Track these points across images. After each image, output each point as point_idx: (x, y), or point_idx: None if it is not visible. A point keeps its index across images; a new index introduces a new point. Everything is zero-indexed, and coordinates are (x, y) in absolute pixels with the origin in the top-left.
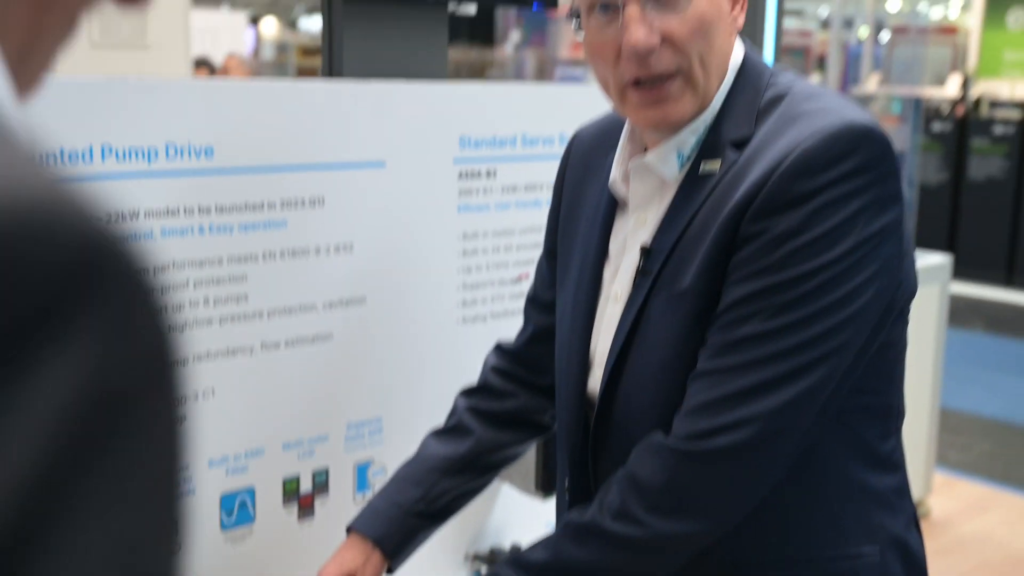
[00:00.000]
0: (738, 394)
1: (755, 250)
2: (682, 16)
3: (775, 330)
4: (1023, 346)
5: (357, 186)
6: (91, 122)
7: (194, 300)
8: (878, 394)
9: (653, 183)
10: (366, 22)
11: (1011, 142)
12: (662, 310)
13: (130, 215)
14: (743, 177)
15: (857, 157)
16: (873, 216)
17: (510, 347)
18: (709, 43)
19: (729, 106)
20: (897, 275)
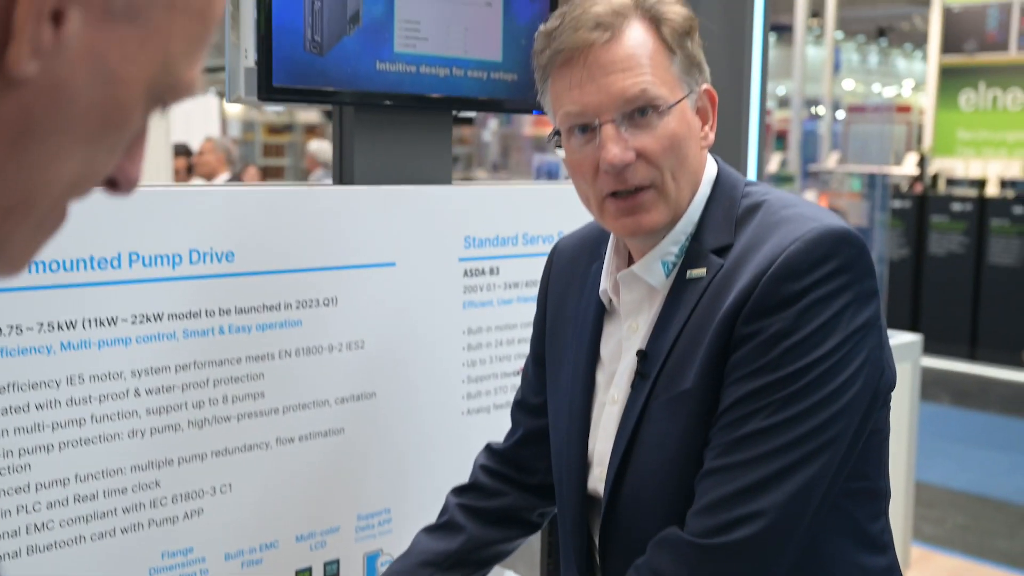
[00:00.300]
0: (750, 487)
1: (751, 350)
2: (654, 134)
3: (777, 425)
4: (990, 419)
5: (369, 285)
6: (120, 230)
7: (214, 398)
8: (868, 478)
9: (642, 291)
10: (375, 130)
11: (969, 219)
12: (663, 411)
13: (155, 317)
14: (731, 281)
15: (837, 259)
16: (856, 312)
17: (500, 448)
18: (680, 158)
19: (708, 217)
20: (880, 364)
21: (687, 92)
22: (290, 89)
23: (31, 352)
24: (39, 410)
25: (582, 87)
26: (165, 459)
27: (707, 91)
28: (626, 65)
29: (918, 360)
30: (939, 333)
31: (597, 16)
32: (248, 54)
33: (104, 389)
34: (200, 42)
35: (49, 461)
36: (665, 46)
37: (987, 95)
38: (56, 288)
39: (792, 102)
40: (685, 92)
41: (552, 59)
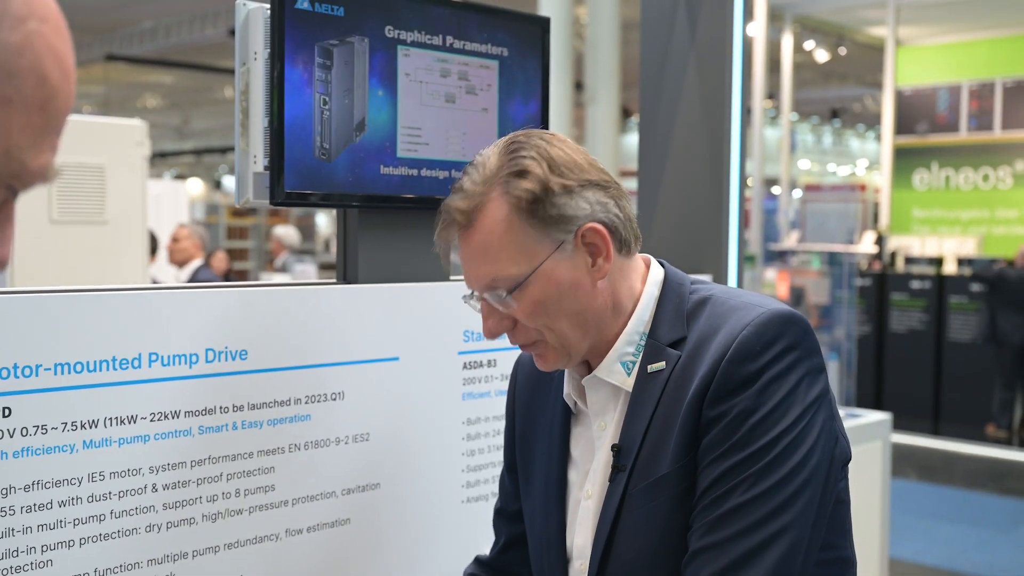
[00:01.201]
0: (739, 560)
1: (720, 432)
2: (519, 306)
3: (756, 497)
4: (956, 493)
5: (374, 380)
6: (140, 331)
7: (227, 492)
8: (836, 548)
9: (607, 391)
10: (378, 231)
11: (928, 296)
12: (642, 498)
13: (172, 415)
14: (691, 370)
15: (786, 339)
16: (809, 385)
17: (486, 558)
18: (553, 314)
19: (660, 314)
20: (834, 434)
21: (552, 249)
22: (300, 194)
23: (55, 451)
24: (61, 507)
25: (463, 264)
26: (180, 552)
27: (589, 229)
28: (478, 255)
29: (888, 437)
30: (903, 409)
31: (451, 213)
32: (257, 159)
33: (124, 485)
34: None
35: (70, 556)
36: (518, 220)
37: (940, 175)
38: (79, 388)
39: (752, 182)
40: (549, 251)
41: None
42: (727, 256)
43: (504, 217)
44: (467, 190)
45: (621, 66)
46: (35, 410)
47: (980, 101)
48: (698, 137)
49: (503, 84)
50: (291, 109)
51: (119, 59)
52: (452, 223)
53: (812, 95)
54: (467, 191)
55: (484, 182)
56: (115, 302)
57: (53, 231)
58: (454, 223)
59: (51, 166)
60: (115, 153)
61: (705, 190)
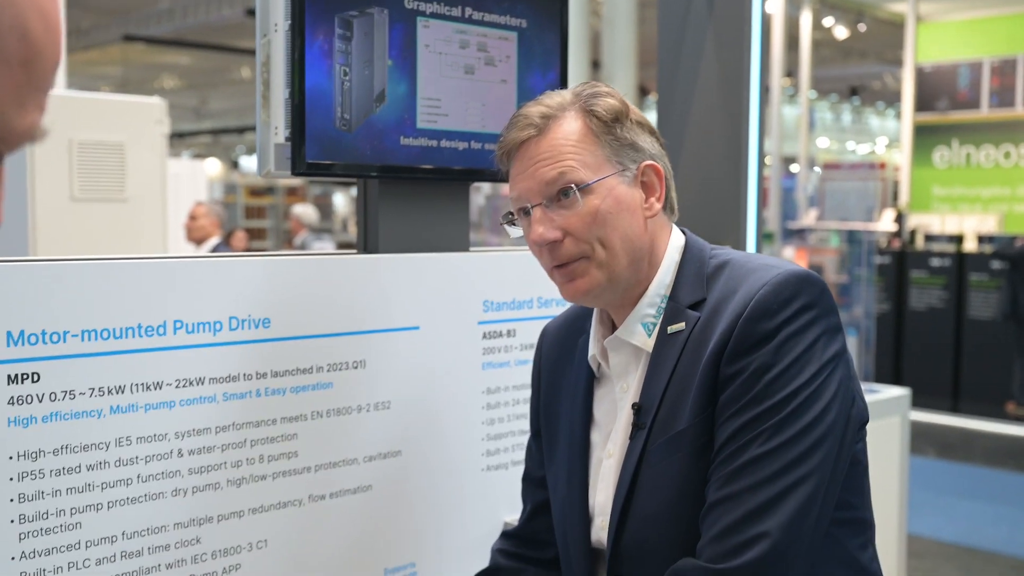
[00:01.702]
0: (755, 511)
1: (738, 387)
2: (578, 212)
3: (772, 451)
4: (975, 470)
5: (395, 348)
6: (165, 299)
7: (251, 458)
8: (854, 508)
9: (628, 353)
10: (398, 201)
11: (948, 274)
12: (660, 453)
13: (197, 381)
14: (710, 329)
15: (803, 298)
16: (826, 344)
17: (513, 529)
18: (607, 229)
19: (680, 278)
20: (851, 394)
21: (618, 170)
22: (321, 164)
23: (83, 416)
24: (90, 471)
25: (518, 177)
26: (205, 516)
27: (649, 167)
28: (548, 155)
29: (907, 414)
30: (922, 387)
31: (528, 117)
32: (278, 131)
33: (150, 450)
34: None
35: (98, 519)
36: (592, 133)
37: (960, 152)
38: (107, 355)
39: (771, 160)
40: (614, 171)
41: (503, 157)
42: (745, 234)
43: (580, 127)
44: (546, 103)
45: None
46: (63, 376)
47: (1002, 77)
48: (716, 115)
49: (522, 55)
50: (311, 80)
51: (137, 39)
52: (528, 126)
53: (831, 73)
54: (546, 104)
55: (560, 102)
56: (140, 270)
57: (74, 208)
58: (530, 126)
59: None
60: (134, 131)
61: (723, 168)
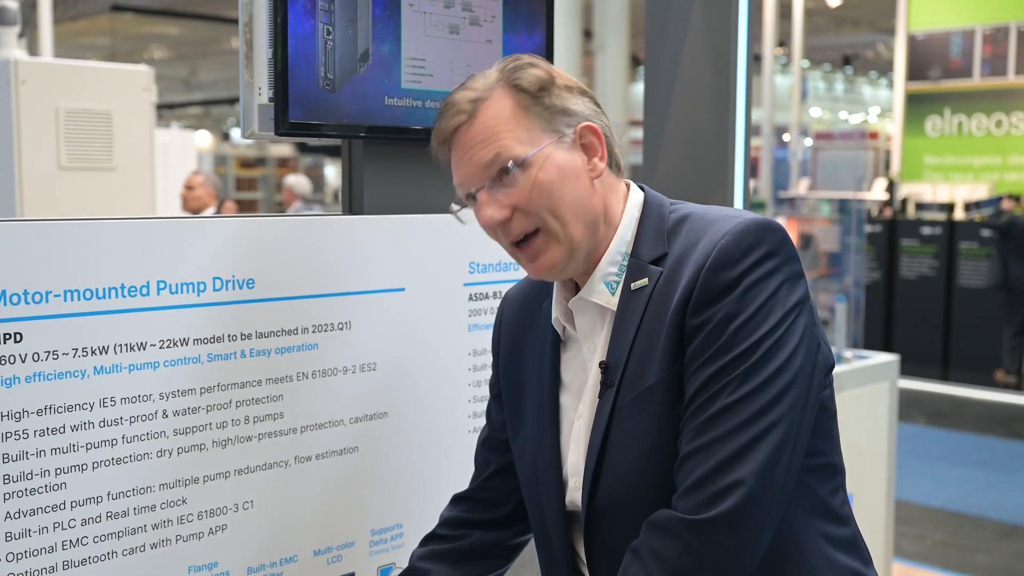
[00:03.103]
0: (726, 460)
1: (704, 338)
2: (521, 187)
3: (741, 399)
4: (964, 437)
5: (380, 310)
6: (148, 259)
7: (236, 419)
8: (824, 454)
9: (593, 313)
10: (383, 162)
11: (939, 242)
12: (630, 409)
13: (181, 342)
14: (673, 282)
15: (764, 246)
16: (789, 291)
17: (464, 493)
18: (555, 199)
19: (641, 234)
20: (816, 340)
21: (553, 139)
22: (304, 124)
23: (66, 376)
24: (74, 431)
25: (457, 164)
26: (191, 477)
27: (586, 128)
28: (481, 138)
29: (895, 380)
30: (912, 355)
31: (456, 104)
32: (262, 91)
33: (134, 411)
34: None
35: (83, 480)
36: (520, 107)
37: (952, 121)
38: (89, 315)
39: (762, 129)
40: (550, 140)
41: (439, 147)
42: (732, 203)
43: (509, 104)
44: (472, 87)
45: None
46: (46, 336)
47: (994, 46)
48: (704, 85)
49: (507, 16)
50: (294, 40)
51: (125, 10)
52: (457, 113)
53: (824, 42)
54: (473, 87)
55: (486, 83)
56: (123, 230)
57: (62, 177)
58: (460, 113)
59: None
60: (122, 99)
61: (711, 138)
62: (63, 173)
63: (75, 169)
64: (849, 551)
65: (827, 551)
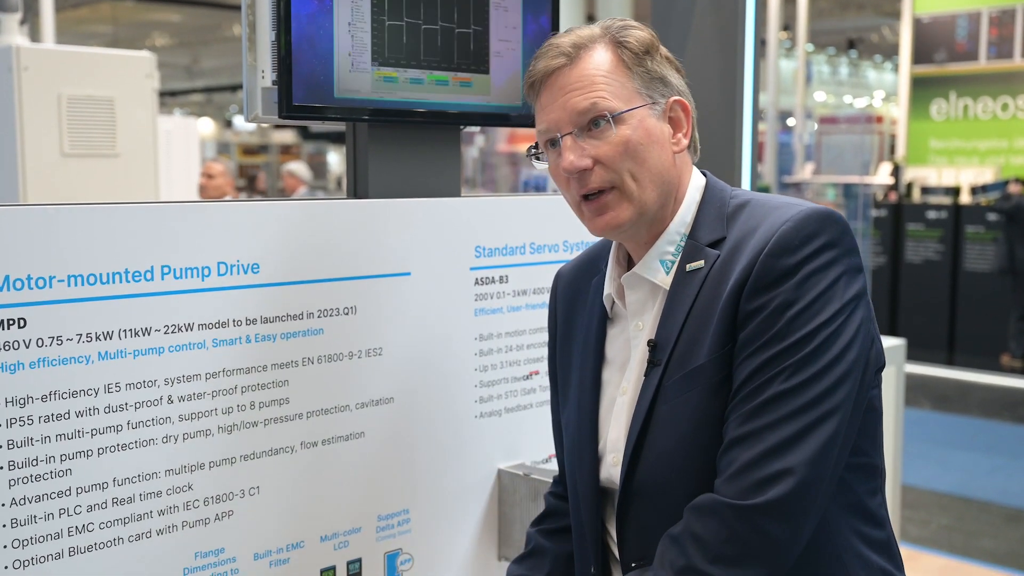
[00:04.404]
0: (776, 448)
1: (759, 324)
2: (609, 141)
3: (794, 388)
4: (970, 422)
5: (386, 295)
6: (152, 243)
7: (242, 404)
8: (866, 454)
9: (645, 291)
10: (388, 146)
11: (945, 226)
12: (676, 388)
13: (186, 327)
14: (730, 266)
15: (825, 235)
16: (848, 283)
17: (559, 475)
18: (637, 160)
19: (701, 216)
20: (871, 335)
21: (648, 103)
22: (308, 107)
23: (70, 362)
24: (79, 417)
25: (547, 108)
26: (197, 463)
27: (677, 102)
28: (580, 84)
29: (902, 364)
30: (918, 339)
31: (559, 47)
32: (265, 74)
33: (139, 397)
34: None
35: (88, 466)
36: (623, 64)
37: (958, 104)
38: (93, 300)
39: (766, 114)
40: (644, 103)
41: (531, 88)
42: (740, 187)
43: (611, 58)
44: (577, 34)
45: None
46: (50, 321)
47: (1000, 28)
48: (711, 70)
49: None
50: (298, 22)
51: None
52: (559, 55)
53: (829, 25)
54: (577, 34)
55: (592, 33)
56: (126, 215)
57: (65, 164)
58: (561, 55)
59: None
60: (124, 86)
61: (718, 123)
62: (66, 160)
63: (78, 156)
64: (882, 552)
65: (861, 550)
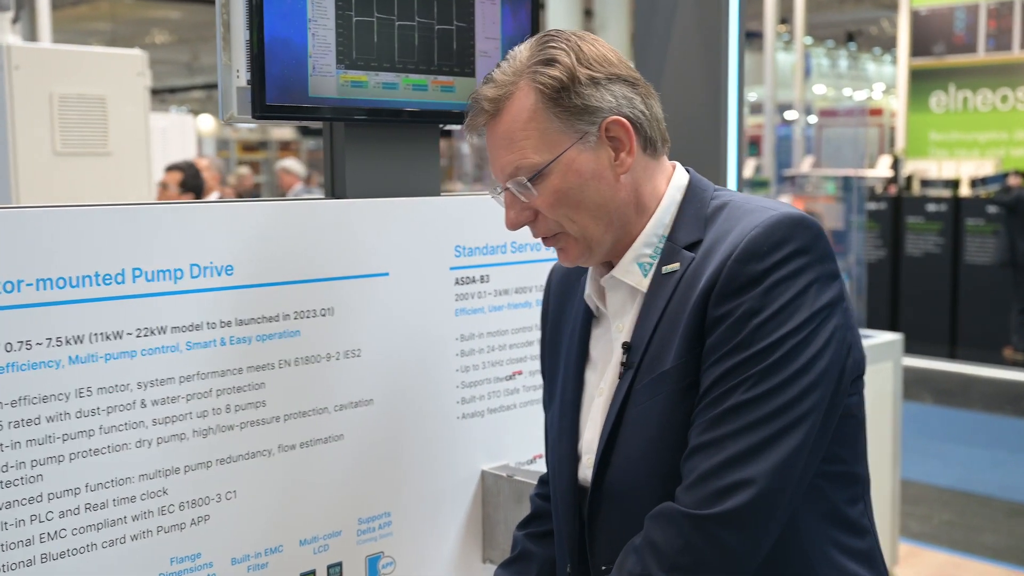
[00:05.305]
0: (736, 457)
1: (724, 331)
2: (541, 194)
3: (757, 397)
4: (972, 416)
5: (364, 295)
6: (122, 246)
7: (217, 408)
8: (844, 462)
9: (624, 293)
10: (365, 145)
11: (944, 219)
12: (646, 393)
13: (158, 330)
14: (702, 269)
15: (795, 242)
16: (819, 291)
17: (545, 475)
18: (571, 206)
19: (680, 217)
20: (846, 343)
21: (575, 139)
22: (281, 107)
23: (40, 366)
24: (49, 422)
25: (489, 158)
26: (172, 467)
27: (613, 122)
28: (503, 143)
29: (899, 359)
30: (919, 333)
31: (480, 102)
32: (240, 74)
33: (111, 401)
34: None
35: (60, 471)
36: (541, 109)
37: (957, 97)
38: (63, 304)
39: (764, 107)
40: (572, 141)
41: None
42: (726, 182)
43: (530, 105)
44: (496, 80)
45: None
46: (18, 325)
47: (998, 20)
48: (694, 64)
49: None
50: (271, 20)
51: None
52: (481, 112)
53: (827, 18)
54: (496, 81)
55: (513, 72)
56: (96, 217)
57: (57, 163)
58: (483, 112)
59: None
60: (116, 84)
61: (702, 115)
62: (58, 159)
63: (70, 154)
64: (862, 562)
65: (836, 559)
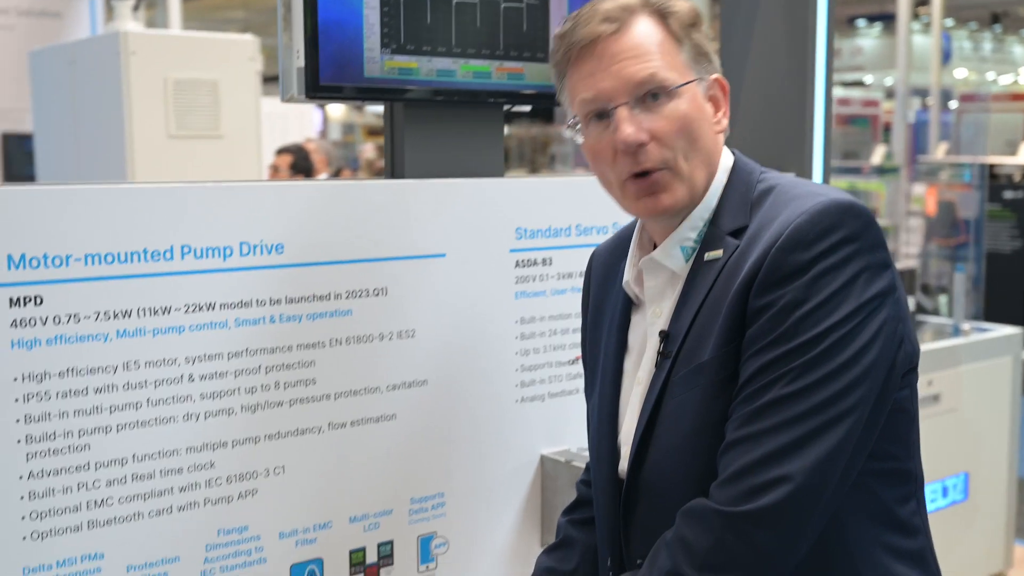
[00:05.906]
0: (774, 454)
1: (766, 322)
2: (665, 116)
3: (797, 392)
4: None
5: (419, 276)
6: (171, 224)
7: (266, 384)
8: (895, 459)
9: (664, 277)
10: (427, 125)
11: None
12: (683, 385)
13: (207, 307)
14: (745, 258)
15: (844, 229)
16: (868, 281)
17: None
18: (691, 139)
19: (724, 202)
20: (898, 336)
21: (696, 78)
22: (335, 87)
23: (88, 339)
24: (97, 393)
25: (595, 75)
26: (219, 441)
27: (717, 80)
28: (634, 52)
29: (1019, 353)
30: None
31: (605, 12)
32: (300, 54)
33: (159, 374)
34: None
35: (107, 442)
36: (672, 36)
37: None
38: (111, 279)
39: (897, 92)
40: (694, 78)
41: (566, 55)
42: (810, 165)
43: (660, 30)
44: (611, 7)
45: None
46: (67, 299)
47: None
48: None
49: None
50: (326, 3)
51: None
52: (604, 20)
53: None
54: (612, 6)
55: (631, 3)
56: (145, 196)
57: (171, 145)
58: (607, 20)
59: None
60: (228, 69)
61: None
62: (172, 141)
63: (184, 137)
64: (913, 564)
65: (884, 560)
